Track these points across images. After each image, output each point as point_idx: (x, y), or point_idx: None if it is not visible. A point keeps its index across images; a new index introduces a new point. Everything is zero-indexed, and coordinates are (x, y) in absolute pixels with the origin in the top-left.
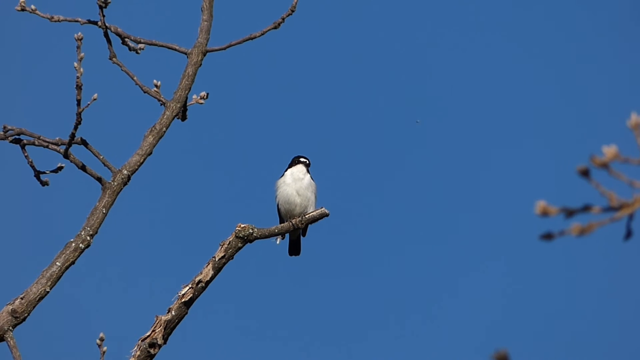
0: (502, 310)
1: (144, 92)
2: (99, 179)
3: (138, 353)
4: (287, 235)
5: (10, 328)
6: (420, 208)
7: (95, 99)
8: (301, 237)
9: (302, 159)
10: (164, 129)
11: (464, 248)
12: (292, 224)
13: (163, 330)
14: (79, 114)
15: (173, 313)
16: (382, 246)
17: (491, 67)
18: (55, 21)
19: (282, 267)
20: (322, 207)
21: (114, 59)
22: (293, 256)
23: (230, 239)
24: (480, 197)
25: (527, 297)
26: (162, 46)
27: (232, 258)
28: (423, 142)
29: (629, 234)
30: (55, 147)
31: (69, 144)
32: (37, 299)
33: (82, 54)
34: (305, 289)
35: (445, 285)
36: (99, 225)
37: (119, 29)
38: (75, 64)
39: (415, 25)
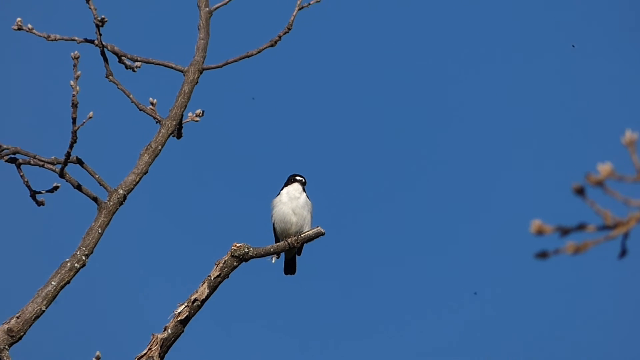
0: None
1: (140, 110)
2: (95, 199)
3: None
4: (282, 254)
5: (7, 347)
6: (415, 226)
7: (91, 117)
8: (296, 256)
9: (298, 178)
10: (160, 147)
11: (460, 266)
12: (288, 243)
13: (159, 348)
14: (74, 133)
15: (169, 331)
16: (377, 264)
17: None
18: (52, 40)
19: (278, 286)
20: (317, 226)
21: (110, 77)
22: (289, 275)
23: (226, 258)
24: (476, 215)
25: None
26: (158, 64)
27: (228, 277)
28: (417, 161)
29: (623, 253)
30: (51, 166)
31: (65, 163)
32: (33, 318)
33: (78, 72)
34: (300, 307)
35: (442, 304)
36: (95, 245)
37: (115, 47)
38: (72, 82)
39: (414, 46)
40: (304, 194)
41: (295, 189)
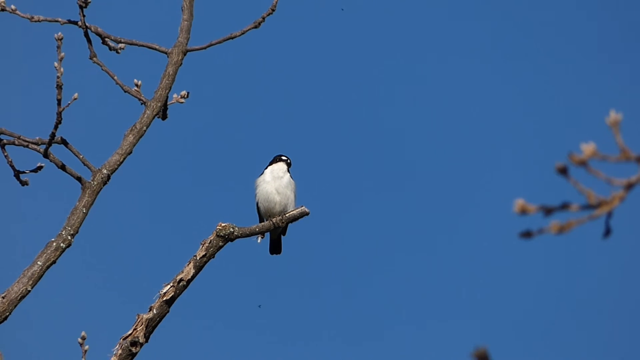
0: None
1: (125, 92)
2: (79, 179)
3: (120, 351)
4: (267, 234)
5: None
6: (401, 206)
7: (75, 99)
8: (282, 236)
9: (283, 158)
10: (145, 128)
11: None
12: (273, 223)
13: (145, 328)
14: (59, 114)
15: (154, 311)
16: (362, 246)
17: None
18: (36, 21)
19: (263, 265)
20: (302, 206)
21: (94, 58)
22: (274, 255)
23: (211, 238)
24: (460, 198)
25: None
26: (142, 46)
27: (214, 257)
28: (403, 141)
29: (607, 232)
30: (35, 146)
31: (49, 144)
32: (19, 298)
33: (62, 54)
34: (285, 287)
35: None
36: (80, 225)
37: (99, 29)
38: (56, 64)
39: (401, 23)
40: (288, 174)
41: (279, 167)
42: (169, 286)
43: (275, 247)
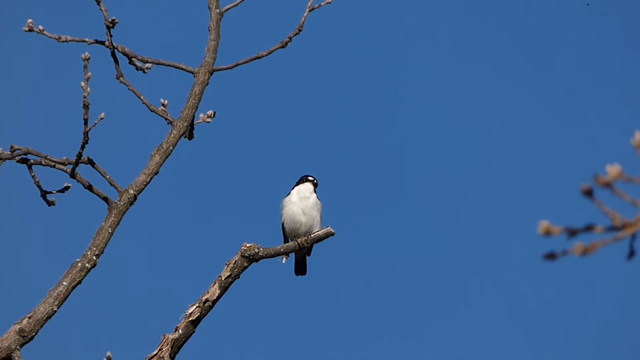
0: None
1: (151, 111)
2: (106, 199)
3: None
4: (292, 255)
5: (18, 347)
6: (423, 224)
7: (102, 118)
8: (306, 256)
9: (309, 178)
10: (171, 148)
11: (468, 266)
12: (298, 243)
13: (170, 348)
14: (86, 133)
15: (180, 332)
16: (386, 265)
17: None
18: (63, 41)
19: (288, 286)
20: (327, 226)
21: (121, 78)
22: (299, 276)
23: (236, 259)
24: (484, 212)
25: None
26: (169, 65)
27: (239, 277)
28: (423, 160)
29: (631, 254)
30: (62, 166)
31: (76, 164)
32: (45, 318)
33: (89, 74)
34: (311, 308)
35: (448, 304)
36: (105, 245)
37: (126, 49)
38: (82, 84)
39: (422, 43)
40: (314, 194)
41: (306, 188)
42: (194, 306)
43: (301, 268)
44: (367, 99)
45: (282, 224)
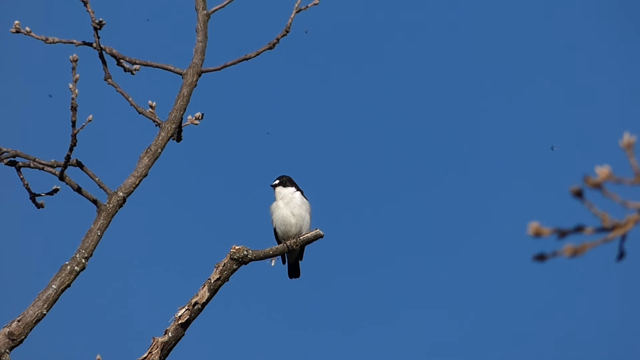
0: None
1: (139, 113)
2: (95, 201)
3: None
4: (287, 261)
5: (7, 350)
6: (416, 225)
7: (90, 120)
8: (299, 261)
9: (271, 186)
10: (159, 150)
11: (462, 265)
12: (287, 246)
13: (160, 351)
14: (74, 136)
15: (170, 335)
16: (378, 264)
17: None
18: (50, 43)
19: (278, 288)
20: (316, 229)
21: (109, 80)
22: (293, 279)
23: (225, 261)
24: (478, 215)
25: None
26: (157, 67)
27: (228, 280)
28: (414, 159)
29: (621, 255)
30: (51, 169)
31: (65, 166)
32: (34, 321)
33: (77, 75)
34: (303, 309)
35: (443, 304)
36: (94, 248)
37: (114, 50)
38: (70, 85)
39: (414, 46)
40: (297, 192)
41: (280, 193)
42: (184, 309)
43: (294, 271)
44: (355, 98)
45: (274, 229)
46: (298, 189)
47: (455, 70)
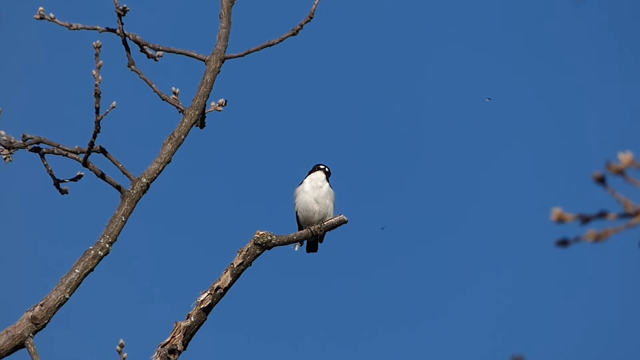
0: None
1: (163, 100)
2: (118, 187)
3: (158, 359)
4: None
5: (31, 334)
6: (433, 211)
7: (114, 107)
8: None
9: (321, 167)
10: (183, 136)
11: (474, 250)
12: (311, 231)
13: (182, 336)
14: (97, 122)
15: (192, 319)
16: (397, 250)
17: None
18: (74, 29)
19: (299, 271)
20: (340, 214)
21: (132, 66)
22: (311, 253)
23: (249, 246)
24: (491, 201)
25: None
26: (180, 53)
27: (250, 264)
28: (434, 148)
29: None
30: (75, 155)
31: (88, 152)
32: (57, 305)
33: (100, 62)
34: (322, 290)
35: (456, 286)
36: (118, 233)
37: (137, 37)
38: (94, 72)
39: (432, 33)
40: (327, 183)
41: (317, 177)
42: (206, 294)
43: (312, 247)
44: (379, 85)
45: (296, 213)
46: (328, 181)
47: (472, 63)
